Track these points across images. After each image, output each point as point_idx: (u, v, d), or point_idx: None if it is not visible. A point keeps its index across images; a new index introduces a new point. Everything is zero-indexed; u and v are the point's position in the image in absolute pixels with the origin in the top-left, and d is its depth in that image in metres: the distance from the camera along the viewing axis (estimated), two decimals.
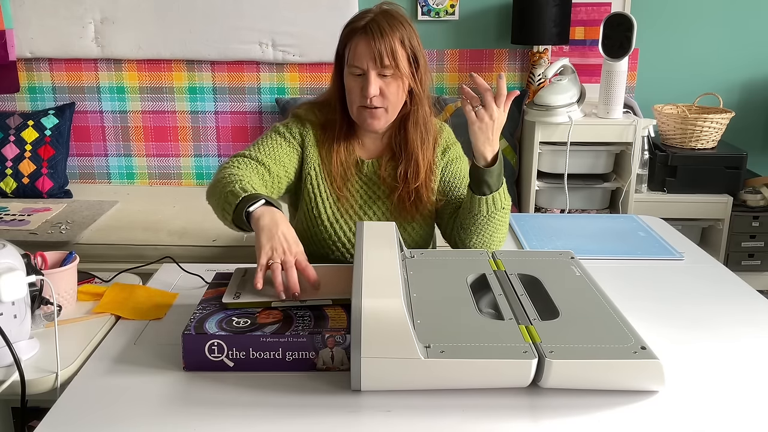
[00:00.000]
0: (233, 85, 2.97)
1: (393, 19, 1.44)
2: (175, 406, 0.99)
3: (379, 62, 1.41)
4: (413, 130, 1.51)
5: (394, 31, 1.42)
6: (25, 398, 1.06)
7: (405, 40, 1.44)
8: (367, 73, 1.42)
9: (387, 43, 1.40)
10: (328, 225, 1.55)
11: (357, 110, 1.47)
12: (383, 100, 1.45)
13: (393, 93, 1.45)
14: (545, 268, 1.28)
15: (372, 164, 1.56)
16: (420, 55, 1.47)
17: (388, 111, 1.47)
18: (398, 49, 1.42)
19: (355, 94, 1.45)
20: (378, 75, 1.43)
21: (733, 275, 1.47)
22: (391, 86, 1.44)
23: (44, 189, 2.84)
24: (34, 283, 1.12)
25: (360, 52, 1.42)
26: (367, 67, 1.41)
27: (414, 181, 1.51)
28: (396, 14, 1.46)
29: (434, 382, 0.99)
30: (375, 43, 1.40)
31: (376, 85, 1.42)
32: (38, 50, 2.91)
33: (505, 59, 2.95)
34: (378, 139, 1.56)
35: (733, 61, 2.95)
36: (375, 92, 1.42)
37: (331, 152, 1.53)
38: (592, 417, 0.96)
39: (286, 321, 1.10)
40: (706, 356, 1.13)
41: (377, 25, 1.41)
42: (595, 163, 2.69)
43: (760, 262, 2.72)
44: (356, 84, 1.44)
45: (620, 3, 2.88)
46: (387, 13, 1.45)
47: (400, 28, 1.44)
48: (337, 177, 1.53)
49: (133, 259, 2.16)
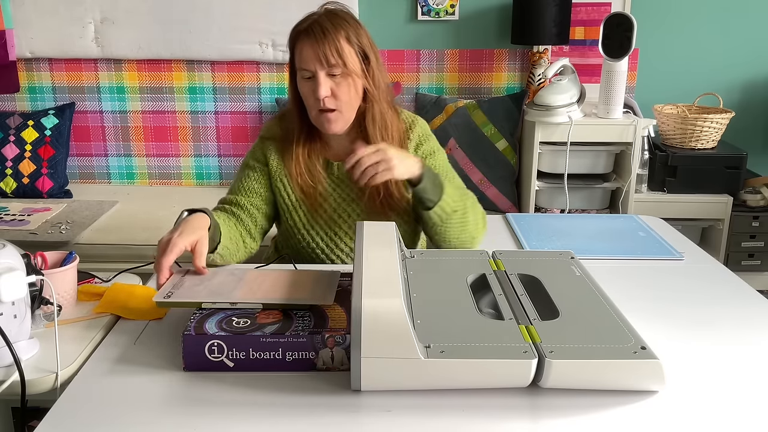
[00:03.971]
0: (233, 85, 2.97)
1: (337, 18, 1.44)
2: (175, 406, 0.99)
3: (326, 62, 1.40)
4: (372, 127, 1.50)
5: (339, 30, 1.41)
6: (25, 398, 1.06)
7: (351, 37, 1.43)
8: (316, 75, 1.41)
9: (331, 42, 1.40)
10: (305, 232, 1.56)
11: (315, 115, 1.47)
12: (336, 102, 1.44)
13: (344, 92, 1.44)
14: (545, 268, 1.28)
15: (341, 165, 1.54)
16: (370, 52, 1.46)
17: (343, 112, 1.46)
18: (344, 48, 1.41)
19: (309, 98, 1.45)
20: (327, 75, 1.42)
21: (733, 275, 1.47)
22: (341, 86, 1.43)
23: (44, 189, 2.84)
24: (34, 283, 1.12)
25: (306, 54, 1.41)
26: (315, 68, 1.41)
27: None
28: (340, 13, 1.45)
29: (434, 382, 1.00)
30: (319, 44, 1.40)
31: (326, 86, 1.41)
32: (38, 50, 2.91)
33: (505, 59, 2.95)
34: (343, 140, 1.55)
35: (733, 61, 2.95)
36: (326, 93, 1.42)
37: (293, 159, 1.53)
38: (592, 417, 0.96)
39: (286, 321, 1.10)
40: (706, 356, 1.13)
41: (319, 26, 1.41)
42: (595, 163, 2.69)
43: (760, 262, 2.72)
44: (309, 87, 1.44)
45: (620, 3, 2.88)
46: (331, 12, 1.45)
47: (345, 26, 1.43)
48: (303, 182, 1.53)
49: (133, 259, 2.15)
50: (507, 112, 2.79)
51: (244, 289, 1.21)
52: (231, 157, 3.06)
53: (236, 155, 3.06)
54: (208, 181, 3.11)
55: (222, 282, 1.24)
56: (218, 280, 1.26)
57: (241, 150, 3.04)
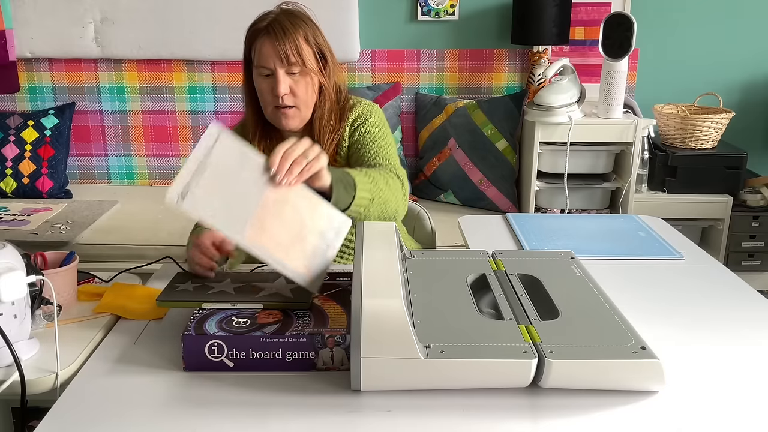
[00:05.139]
0: (233, 85, 2.97)
1: (295, 17, 1.47)
2: (175, 406, 0.99)
3: (286, 61, 1.44)
4: (318, 123, 1.54)
5: (297, 30, 1.45)
6: (25, 398, 1.06)
7: (309, 37, 1.47)
8: (275, 73, 1.45)
9: (291, 41, 1.44)
10: None
11: (272, 111, 1.50)
12: (294, 99, 1.48)
13: (302, 90, 1.47)
14: (545, 268, 1.28)
15: None
16: (327, 51, 1.51)
17: (300, 109, 1.50)
18: (303, 47, 1.45)
19: (267, 94, 1.48)
20: (286, 73, 1.46)
21: (733, 275, 1.47)
22: (299, 84, 1.47)
23: (44, 189, 2.84)
24: (34, 283, 1.12)
25: (265, 52, 1.45)
26: (275, 66, 1.44)
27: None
28: (298, 13, 1.49)
29: (434, 382, 1.00)
30: (279, 42, 1.43)
31: (285, 83, 1.45)
32: (38, 50, 2.91)
33: (505, 59, 2.95)
34: (298, 134, 1.56)
35: (733, 61, 2.95)
36: (285, 91, 1.45)
37: None
38: (592, 417, 0.96)
39: (286, 321, 1.10)
40: (706, 356, 1.13)
41: (279, 25, 1.44)
42: (595, 163, 2.69)
43: (760, 262, 2.72)
44: (266, 85, 1.47)
45: (620, 3, 2.89)
46: (289, 12, 1.48)
47: (303, 26, 1.47)
48: None
49: (133, 259, 2.16)
50: (507, 112, 2.79)
51: (256, 225, 1.15)
52: None
53: None
54: None
55: (242, 193, 1.17)
56: (239, 188, 1.18)
57: None
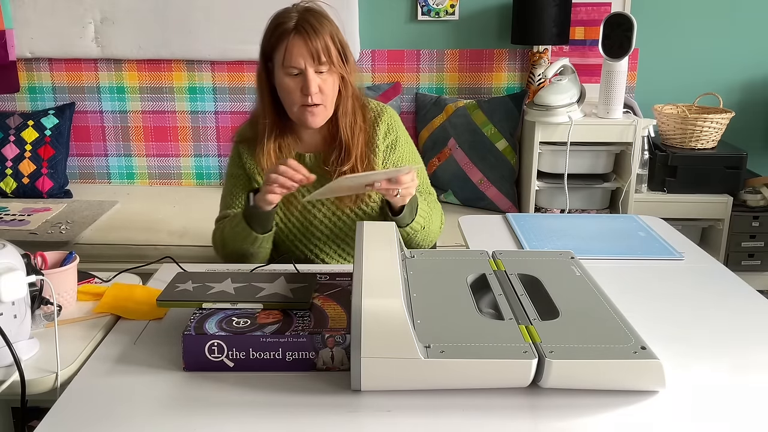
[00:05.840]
0: (233, 85, 2.97)
1: (320, 16, 1.50)
2: (175, 406, 0.99)
3: (317, 60, 1.46)
4: (342, 119, 1.56)
5: (324, 28, 1.48)
6: (25, 398, 1.06)
7: (334, 35, 1.50)
8: (305, 72, 1.47)
9: (321, 40, 1.46)
10: (282, 226, 1.61)
11: (298, 110, 1.51)
12: (322, 97, 1.50)
13: (330, 88, 1.50)
14: (545, 268, 1.28)
15: (314, 157, 1.61)
16: (347, 49, 1.53)
17: (327, 106, 1.52)
18: (330, 45, 1.47)
19: (294, 94, 1.49)
20: (315, 72, 1.47)
21: (733, 275, 1.47)
22: (327, 82, 1.50)
23: (44, 189, 2.84)
24: (34, 283, 1.12)
25: (296, 52, 1.46)
26: (305, 65, 1.46)
27: (346, 163, 1.55)
28: (321, 12, 1.53)
29: (434, 382, 1.00)
30: (311, 41, 1.45)
31: (315, 82, 1.47)
32: (38, 50, 2.91)
33: (505, 59, 2.95)
34: (315, 133, 1.61)
35: (733, 61, 2.95)
36: (316, 89, 1.47)
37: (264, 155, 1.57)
38: (592, 417, 0.96)
39: (286, 321, 1.10)
40: (706, 356, 1.13)
41: (309, 24, 1.47)
42: (595, 163, 2.69)
43: (760, 262, 2.72)
44: (294, 84, 1.48)
45: (620, 3, 2.88)
46: (312, 11, 1.50)
47: (328, 24, 1.50)
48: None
49: (133, 259, 2.16)
50: (507, 112, 2.79)
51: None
52: None
53: None
54: (208, 181, 3.11)
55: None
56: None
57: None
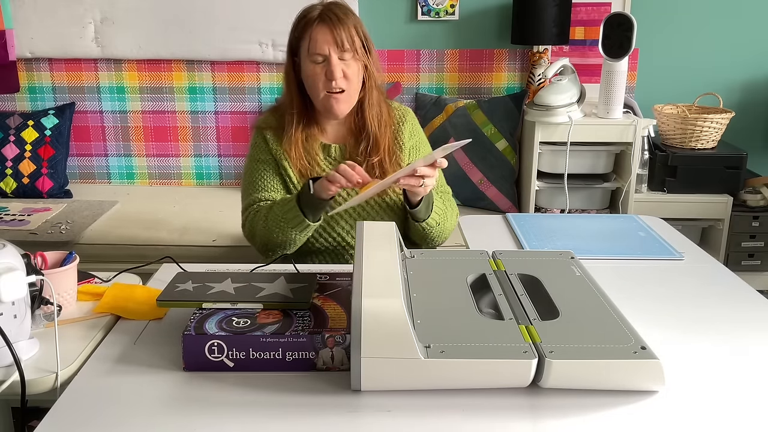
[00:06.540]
0: (233, 85, 2.97)
1: (344, 8, 1.58)
2: (175, 406, 0.99)
3: (341, 46, 1.51)
4: (369, 111, 1.61)
5: (349, 18, 1.56)
6: (25, 398, 1.06)
7: (357, 26, 1.57)
8: (329, 58, 1.52)
9: (345, 28, 1.53)
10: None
11: (324, 97, 1.56)
12: (346, 83, 1.54)
13: (354, 74, 1.55)
14: (545, 268, 1.28)
15: (339, 148, 1.65)
16: (370, 42, 1.59)
17: (351, 93, 1.56)
18: (354, 34, 1.53)
19: (319, 80, 1.54)
20: (339, 59, 1.52)
21: (733, 275, 1.47)
22: (351, 68, 1.55)
23: (44, 189, 2.84)
24: (34, 283, 1.12)
25: (321, 39, 1.52)
26: (329, 52, 1.52)
27: (375, 155, 1.60)
28: (345, 4, 1.60)
29: (434, 382, 1.00)
30: (335, 28, 1.52)
31: (339, 68, 1.52)
32: (38, 50, 2.91)
33: (505, 59, 2.95)
34: (340, 125, 1.66)
35: (733, 61, 2.95)
36: (339, 74, 1.52)
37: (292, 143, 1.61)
38: (592, 417, 0.96)
39: (286, 321, 1.10)
40: (706, 356, 1.13)
41: (333, 13, 1.54)
42: (595, 163, 2.69)
43: (760, 262, 2.72)
44: (319, 71, 1.54)
45: (620, 3, 2.88)
46: (336, 4, 1.58)
47: (351, 16, 1.57)
48: (302, 165, 1.62)
49: (133, 259, 2.16)
50: (507, 112, 2.79)
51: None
52: (231, 157, 3.06)
53: (236, 155, 3.06)
54: (208, 181, 3.11)
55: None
56: None
57: (241, 150, 3.04)
